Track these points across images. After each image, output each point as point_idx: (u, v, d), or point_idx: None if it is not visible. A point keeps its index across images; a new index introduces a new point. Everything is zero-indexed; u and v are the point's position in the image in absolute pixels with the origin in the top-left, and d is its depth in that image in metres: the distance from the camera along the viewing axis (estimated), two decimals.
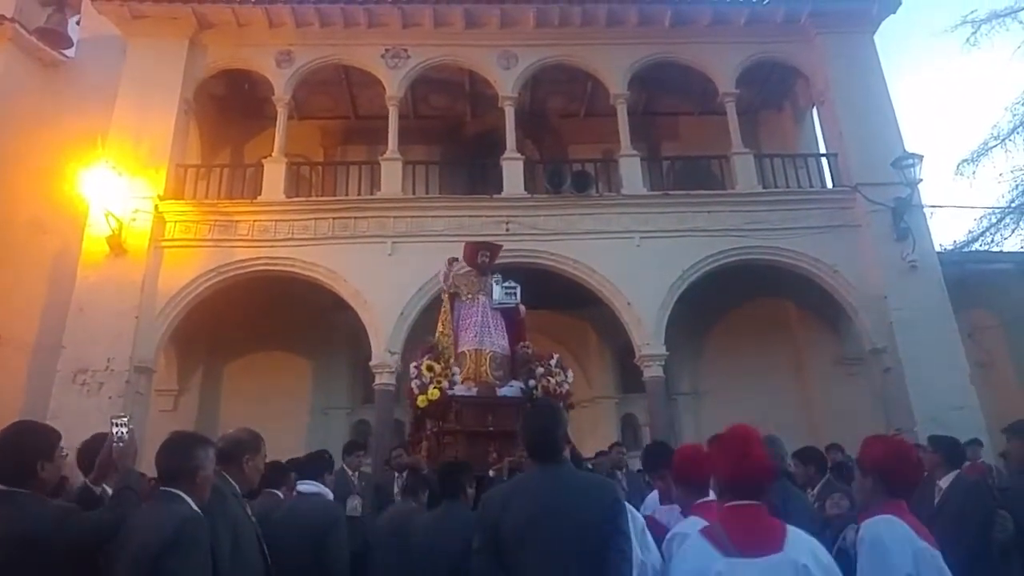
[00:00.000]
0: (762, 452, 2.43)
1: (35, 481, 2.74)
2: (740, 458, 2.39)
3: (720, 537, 2.32)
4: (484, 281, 7.44)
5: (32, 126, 11.72)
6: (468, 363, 7.09)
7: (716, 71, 12.21)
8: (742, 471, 2.39)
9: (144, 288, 10.45)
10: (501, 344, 7.24)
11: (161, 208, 10.87)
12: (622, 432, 12.49)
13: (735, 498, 2.40)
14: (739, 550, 2.27)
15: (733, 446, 2.44)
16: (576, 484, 2.82)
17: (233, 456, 3.24)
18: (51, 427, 3.00)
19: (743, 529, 2.32)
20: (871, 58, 12.29)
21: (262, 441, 3.41)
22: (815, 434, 11.15)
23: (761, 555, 2.26)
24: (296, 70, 11.84)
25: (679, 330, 11.36)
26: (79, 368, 10.02)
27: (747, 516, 2.36)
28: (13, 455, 2.71)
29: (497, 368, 7.12)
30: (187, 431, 3.12)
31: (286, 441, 10.62)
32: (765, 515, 2.39)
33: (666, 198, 11.64)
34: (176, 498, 2.71)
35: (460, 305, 7.41)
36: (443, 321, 7.41)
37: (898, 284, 10.87)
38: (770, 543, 2.29)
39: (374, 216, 11.20)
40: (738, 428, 2.49)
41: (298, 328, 12.37)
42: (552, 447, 2.87)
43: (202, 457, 2.83)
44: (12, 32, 11.70)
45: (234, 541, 2.95)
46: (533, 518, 2.68)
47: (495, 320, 7.31)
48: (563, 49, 12.18)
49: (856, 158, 11.55)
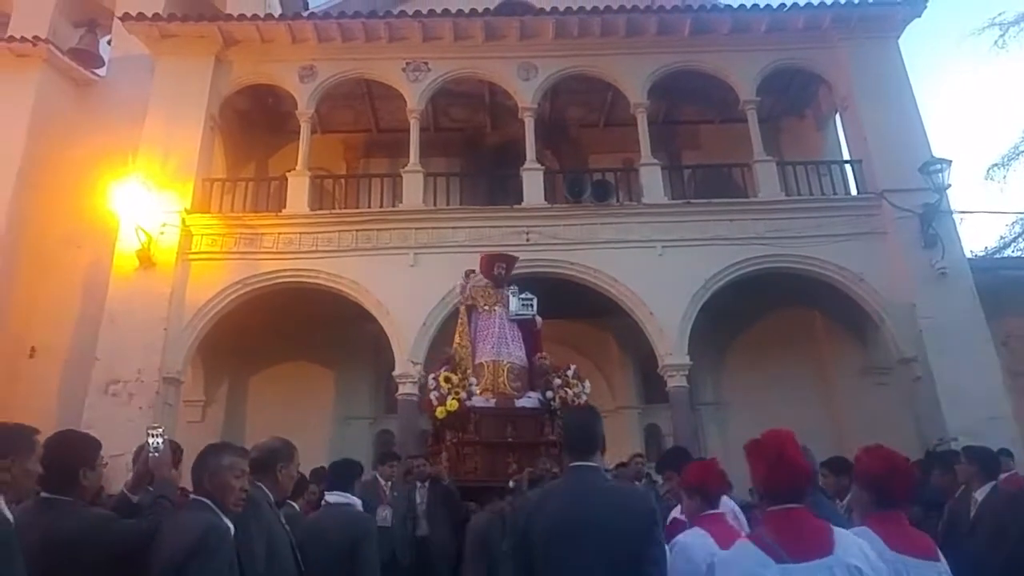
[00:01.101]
0: (797, 454, 2.40)
1: (77, 488, 2.80)
2: (776, 461, 2.37)
3: (769, 543, 2.28)
4: (501, 293, 7.49)
5: (66, 143, 12.04)
6: (486, 374, 7.16)
7: (737, 79, 12.14)
8: (778, 474, 2.37)
9: (172, 300, 10.65)
10: (519, 355, 7.31)
11: (188, 222, 11.08)
12: (645, 443, 12.39)
13: (776, 502, 2.37)
14: (791, 555, 2.24)
15: (768, 449, 2.42)
16: (610, 492, 2.81)
17: (268, 465, 3.28)
18: (92, 436, 3.05)
19: (791, 533, 2.29)
20: (896, 63, 12.12)
21: (295, 450, 3.46)
22: (842, 445, 10.87)
23: (813, 559, 2.23)
24: (319, 84, 12.01)
25: (702, 340, 11.27)
26: (111, 379, 10.24)
27: (792, 520, 2.33)
28: (57, 463, 2.74)
29: (515, 379, 7.18)
30: (223, 442, 3.18)
31: (310, 451, 10.61)
32: (810, 517, 2.37)
33: (688, 207, 11.58)
34: (204, 506, 2.78)
35: (477, 317, 7.49)
36: (460, 333, 7.48)
37: (927, 292, 10.66)
38: (820, 546, 2.27)
39: (396, 228, 11.31)
40: (773, 432, 2.48)
41: (322, 339, 12.48)
42: (590, 442, 2.87)
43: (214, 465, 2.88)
44: (47, 53, 12.04)
45: (269, 549, 3.00)
46: (563, 525, 2.66)
47: (512, 332, 7.38)
48: (583, 59, 12.21)
49: (881, 164, 11.38)
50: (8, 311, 11.17)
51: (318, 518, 4.19)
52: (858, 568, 2.21)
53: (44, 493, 2.78)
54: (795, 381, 12.13)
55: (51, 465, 2.72)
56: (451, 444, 6.98)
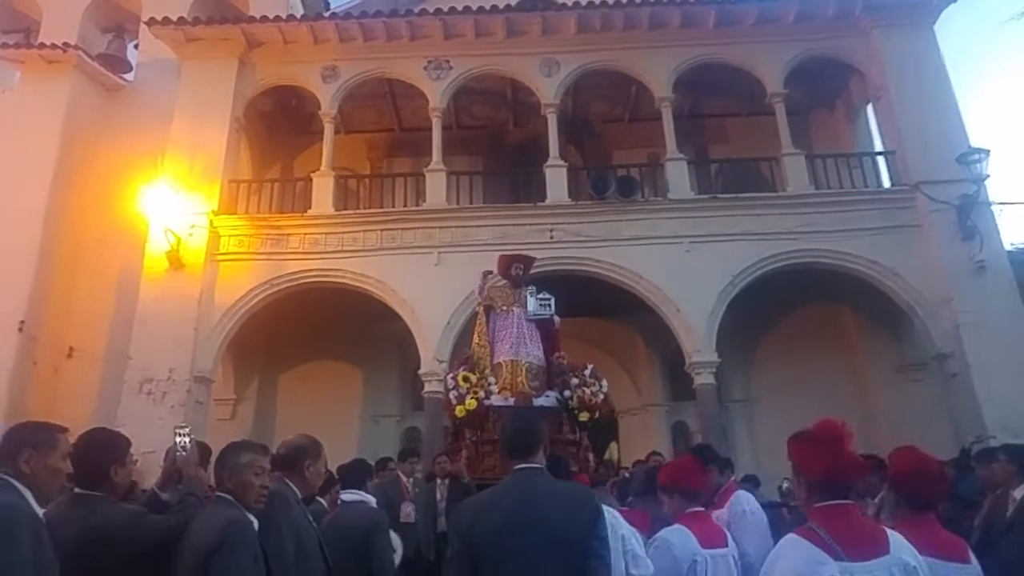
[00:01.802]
0: (853, 448, 2.32)
1: (108, 485, 2.89)
2: (833, 455, 2.27)
3: (825, 539, 2.18)
4: (518, 293, 7.47)
5: (97, 147, 12.31)
6: (504, 374, 7.14)
7: (764, 71, 11.90)
8: (836, 468, 2.27)
9: (202, 301, 10.82)
10: (536, 355, 7.28)
11: (216, 223, 11.23)
12: (673, 441, 12.30)
13: (827, 498, 2.27)
14: (848, 553, 2.15)
15: (825, 443, 2.31)
16: (553, 491, 2.80)
17: (295, 462, 3.32)
18: (122, 434, 3.15)
19: (847, 531, 2.20)
20: (931, 50, 11.77)
21: (322, 447, 3.49)
22: (875, 443, 10.65)
23: (871, 558, 2.16)
24: (341, 85, 12.06)
25: (730, 336, 11.12)
26: (144, 378, 10.46)
27: (845, 516, 2.24)
28: (89, 460, 2.85)
29: (533, 379, 7.17)
30: (243, 440, 3.23)
31: (339, 448, 10.79)
32: (859, 514, 2.30)
33: (715, 202, 11.39)
34: (227, 502, 2.85)
35: (495, 317, 7.49)
36: (479, 333, 7.49)
37: (965, 286, 10.39)
38: (877, 544, 2.20)
39: (420, 227, 11.33)
40: (828, 423, 2.37)
41: (349, 337, 12.58)
42: (530, 443, 2.87)
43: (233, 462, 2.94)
44: (77, 59, 12.29)
45: (298, 545, 3.05)
46: (506, 526, 2.65)
47: (530, 331, 7.35)
48: (605, 54, 12.06)
49: (916, 155, 11.08)
50: (46, 312, 11.49)
51: (335, 516, 4.28)
52: (914, 567, 2.16)
53: (77, 489, 2.89)
54: (826, 378, 11.90)
55: (82, 462, 2.82)
56: (470, 442, 7.01)
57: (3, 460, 2.49)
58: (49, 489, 2.56)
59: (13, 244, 11.19)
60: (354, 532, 3.88)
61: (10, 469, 2.47)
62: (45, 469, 2.50)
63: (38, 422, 2.67)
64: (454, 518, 2.93)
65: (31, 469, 2.47)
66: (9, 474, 2.47)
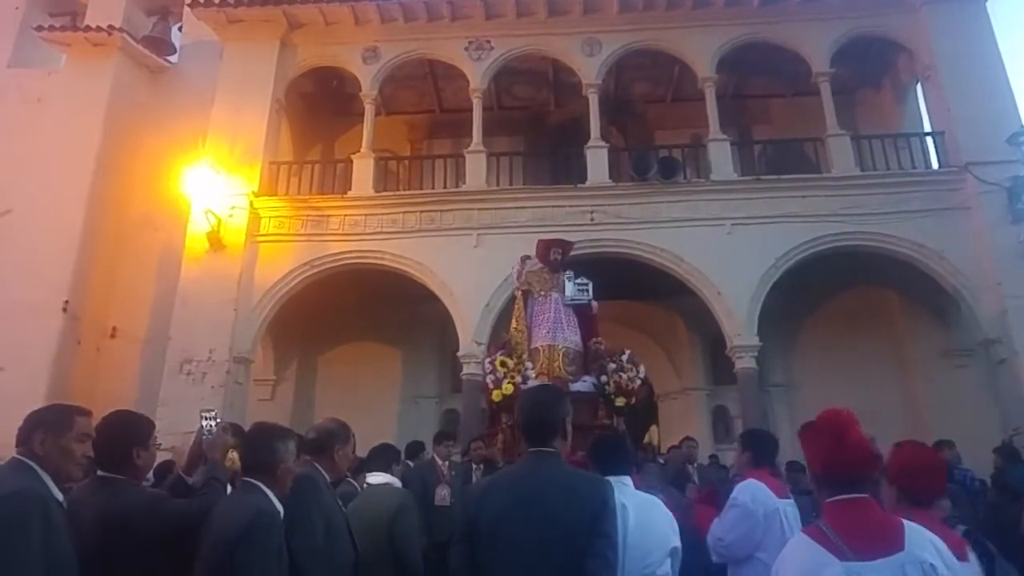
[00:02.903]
0: (859, 436, 2.17)
1: (131, 468, 2.89)
2: (835, 444, 2.15)
3: (831, 538, 2.05)
4: (556, 278, 7.45)
5: (141, 129, 12.41)
6: (541, 359, 7.12)
7: (809, 50, 11.70)
8: (837, 459, 2.15)
9: (241, 282, 10.91)
10: (574, 340, 7.25)
11: (256, 204, 11.31)
12: (712, 425, 12.22)
13: (836, 492, 2.14)
14: (855, 552, 2.01)
15: (826, 432, 2.20)
16: (562, 480, 2.60)
17: (325, 446, 3.32)
18: (146, 417, 3.13)
19: (855, 526, 2.06)
20: (984, 27, 11.52)
21: (351, 431, 3.48)
22: (920, 430, 10.52)
23: (881, 556, 2.00)
24: (382, 66, 12.06)
25: (772, 320, 10.98)
26: (185, 358, 10.58)
27: (856, 511, 2.09)
28: (111, 443, 2.83)
29: (570, 363, 7.14)
30: (268, 423, 3.18)
31: (378, 429, 10.89)
32: (875, 508, 2.15)
33: (758, 183, 11.25)
34: (255, 489, 2.79)
35: (533, 302, 7.48)
36: (517, 317, 7.49)
37: (1014, 269, 10.21)
38: (889, 541, 2.04)
39: (460, 208, 11.32)
40: (830, 412, 2.25)
41: (388, 319, 12.64)
42: (548, 427, 2.69)
43: (282, 450, 2.89)
44: (121, 42, 12.38)
45: (327, 529, 3.03)
46: (508, 512, 2.52)
47: (568, 316, 7.32)
48: (648, 33, 11.93)
49: (966, 136, 10.86)
50: (89, 293, 11.62)
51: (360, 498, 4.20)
52: (932, 566, 1.98)
53: (100, 472, 2.87)
54: (869, 363, 11.73)
55: (105, 445, 2.80)
56: (506, 427, 6.99)
57: (21, 442, 2.50)
58: (66, 471, 2.53)
59: (58, 225, 11.32)
60: (379, 513, 3.82)
61: (25, 451, 2.47)
62: (58, 450, 2.49)
63: (57, 404, 2.66)
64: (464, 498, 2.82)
65: (44, 450, 2.46)
66: (26, 455, 2.46)
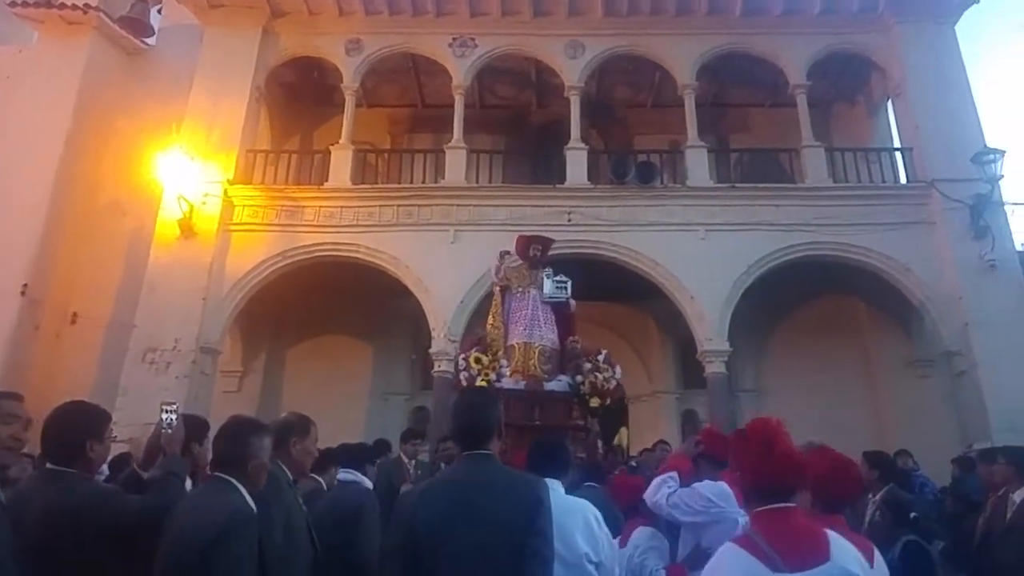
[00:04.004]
0: (788, 446, 2.18)
1: (83, 461, 2.75)
2: (764, 454, 2.15)
3: (764, 548, 2.04)
4: (535, 274, 7.40)
5: (115, 112, 12.17)
6: (517, 356, 7.06)
7: (787, 62, 11.94)
8: (766, 468, 2.14)
9: (212, 271, 10.74)
10: (550, 338, 7.19)
11: (230, 192, 11.14)
12: (682, 428, 12.33)
13: (765, 501, 2.14)
14: (786, 563, 2.00)
15: (755, 441, 2.19)
16: (500, 481, 2.58)
17: (282, 440, 3.17)
18: (101, 407, 2.97)
19: (785, 537, 2.06)
20: (951, 49, 11.84)
21: (312, 424, 3.37)
22: (883, 437, 10.81)
23: (810, 567, 2.00)
24: (365, 58, 11.99)
25: (743, 326, 11.16)
26: (149, 347, 10.36)
27: (784, 521, 2.10)
28: (63, 435, 2.72)
29: (546, 362, 7.07)
30: (244, 417, 3.05)
31: (347, 425, 10.84)
32: (801, 517, 2.17)
33: (733, 191, 11.42)
34: (229, 486, 2.67)
35: (511, 298, 7.39)
36: (493, 313, 7.41)
37: (975, 284, 10.47)
38: (817, 551, 2.04)
39: (438, 204, 11.28)
40: (759, 421, 2.27)
41: (361, 313, 12.54)
42: (484, 429, 2.67)
43: (257, 445, 2.78)
44: (97, 21, 12.15)
45: (286, 527, 2.93)
46: (446, 517, 2.48)
47: (545, 314, 7.26)
48: (631, 39, 12.06)
49: (933, 153, 11.15)
50: (51, 277, 11.34)
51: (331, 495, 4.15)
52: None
53: (49, 465, 2.74)
54: (837, 370, 11.98)
55: (56, 436, 2.70)
56: None
57: None
58: None
59: (21, 205, 11.05)
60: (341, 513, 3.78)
61: None
62: None
63: None
64: (396, 506, 2.69)
65: None
66: None
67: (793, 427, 2.36)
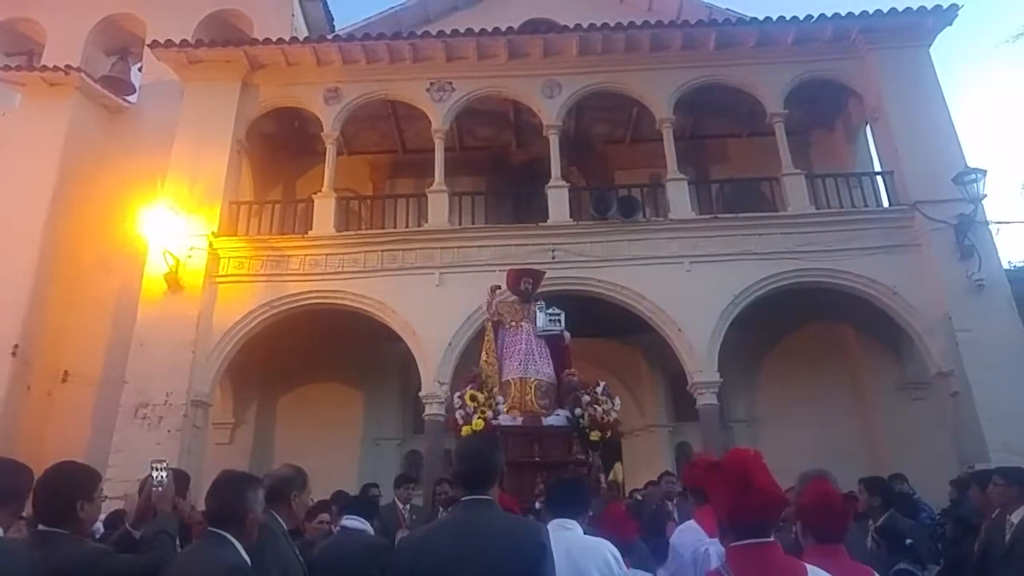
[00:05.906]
0: (767, 479, 2.09)
1: (74, 522, 2.75)
2: (742, 489, 2.06)
3: None
4: (528, 308, 7.31)
5: (98, 169, 12.28)
6: (513, 392, 6.96)
7: (764, 92, 12.00)
8: (744, 503, 2.06)
9: (200, 323, 10.71)
10: (546, 372, 7.09)
11: (215, 245, 11.16)
12: (676, 461, 12.21)
13: (741, 536, 2.06)
14: None
15: (732, 474, 2.10)
16: (498, 528, 2.59)
17: (282, 494, 3.23)
18: (91, 468, 3.00)
19: (760, 573, 2.02)
20: (927, 72, 11.90)
21: (307, 478, 3.42)
22: (878, 462, 10.75)
23: None
24: (344, 106, 12.08)
25: (733, 356, 11.12)
26: (140, 402, 10.31)
27: (761, 557, 2.03)
28: (53, 495, 2.73)
29: (543, 397, 6.97)
30: (236, 471, 3.09)
31: (339, 471, 10.81)
32: (780, 554, 2.07)
33: (716, 222, 11.43)
34: (224, 542, 2.67)
35: (504, 333, 7.29)
36: (487, 350, 7.31)
37: (963, 304, 10.41)
38: None
39: (422, 248, 11.30)
40: (737, 452, 2.19)
41: (349, 360, 12.51)
42: (484, 474, 2.69)
43: (251, 499, 2.80)
44: (79, 81, 12.29)
45: None
46: (449, 563, 2.48)
47: (540, 348, 7.15)
48: (607, 76, 12.14)
49: (914, 175, 11.15)
50: (41, 336, 11.37)
51: (336, 543, 4.14)
52: None
53: (40, 526, 2.73)
54: (829, 397, 11.93)
55: (46, 497, 2.70)
56: None
57: None
58: None
59: (9, 267, 11.11)
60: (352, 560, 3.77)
61: None
62: None
63: None
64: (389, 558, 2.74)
65: None
66: None
67: (788, 455, 2.34)
